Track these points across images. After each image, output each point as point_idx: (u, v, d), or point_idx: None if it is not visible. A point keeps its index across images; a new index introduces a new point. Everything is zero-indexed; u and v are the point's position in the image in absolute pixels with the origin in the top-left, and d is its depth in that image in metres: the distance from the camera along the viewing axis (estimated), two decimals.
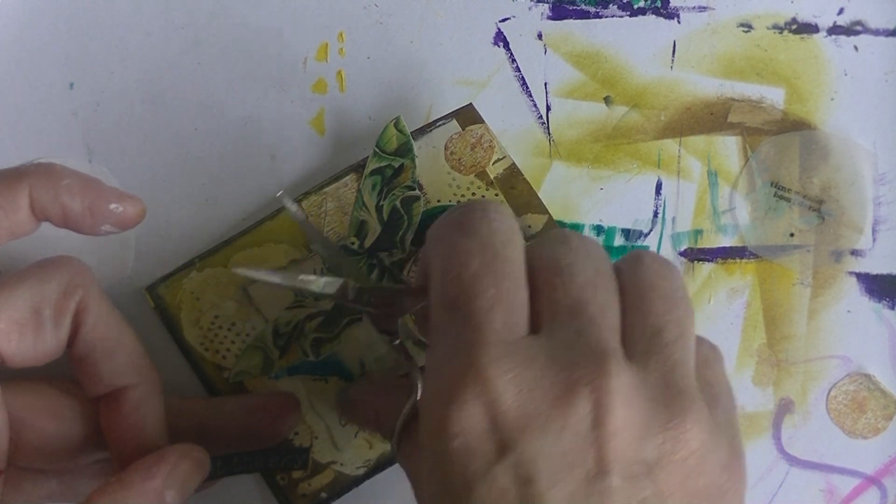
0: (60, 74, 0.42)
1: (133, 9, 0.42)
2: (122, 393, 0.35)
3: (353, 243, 0.41)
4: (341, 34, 0.43)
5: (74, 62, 0.42)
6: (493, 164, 0.42)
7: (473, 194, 0.42)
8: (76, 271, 0.35)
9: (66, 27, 0.42)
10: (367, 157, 0.41)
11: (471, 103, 0.42)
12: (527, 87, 0.43)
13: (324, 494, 0.41)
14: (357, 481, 0.41)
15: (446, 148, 0.41)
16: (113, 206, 0.35)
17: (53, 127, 0.42)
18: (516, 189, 0.42)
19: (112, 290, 0.41)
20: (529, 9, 0.43)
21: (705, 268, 0.43)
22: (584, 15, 0.43)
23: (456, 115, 0.42)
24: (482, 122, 0.42)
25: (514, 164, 0.42)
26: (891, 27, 0.43)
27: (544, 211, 0.42)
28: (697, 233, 0.43)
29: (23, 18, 0.42)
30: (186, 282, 0.41)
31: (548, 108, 0.43)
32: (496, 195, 0.41)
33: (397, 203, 0.41)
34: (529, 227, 0.42)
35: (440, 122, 0.42)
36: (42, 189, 0.34)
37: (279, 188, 0.42)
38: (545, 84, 0.43)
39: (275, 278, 0.36)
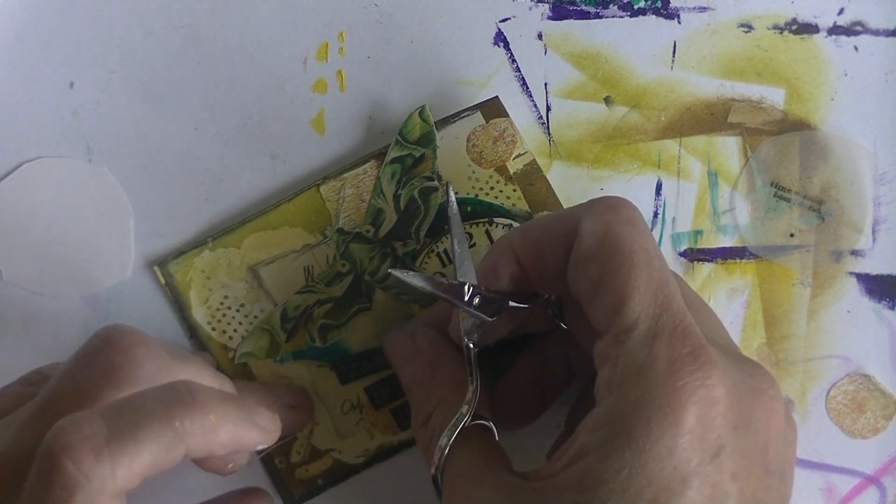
0: (60, 74, 0.42)
1: (133, 8, 0.42)
2: None
3: (367, 231, 0.41)
4: (341, 34, 0.43)
5: (74, 62, 0.42)
6: (514, 159, 0.42)
7: (492, 188, 0.42)
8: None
9: (66, 27, 0.42)
10: (389, 145, 0.41)
11: (496, 96, 0.42)
12: (527, 87, 0.43)
13: (320, 481, 0.41)
14: (355, 469, 0.41)
15: (468, 140, 0.41)
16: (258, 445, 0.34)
17: (53, 126, 0.42)
18: (535, 186, 0.42)
19: (113, 285, 0.42)
20: (529, 9, 0.43)
21: (705, 268, 0.43)
22: (585, 15, 0.43)
23: (481, 107, 0.42)
24: (507, 115, 0.42)
25: (534, 160, 0.42)
26: (891, 27, 0.43)
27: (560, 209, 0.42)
28: (697, 233, 0.43)
29: (23, 18, 0.42)
30: (198, 260, 0.41)
31: (548, 108, 0.43)
32: (514, 191, 0.41)
33: (415, 193, 0.41)
34: None
35: (465, 114, 0.42)
36: (199, 444, 0.31)
37: (279, 188, 0.42)
38: (545, 84, 0.43)
39: (421, 283, 0.35)
